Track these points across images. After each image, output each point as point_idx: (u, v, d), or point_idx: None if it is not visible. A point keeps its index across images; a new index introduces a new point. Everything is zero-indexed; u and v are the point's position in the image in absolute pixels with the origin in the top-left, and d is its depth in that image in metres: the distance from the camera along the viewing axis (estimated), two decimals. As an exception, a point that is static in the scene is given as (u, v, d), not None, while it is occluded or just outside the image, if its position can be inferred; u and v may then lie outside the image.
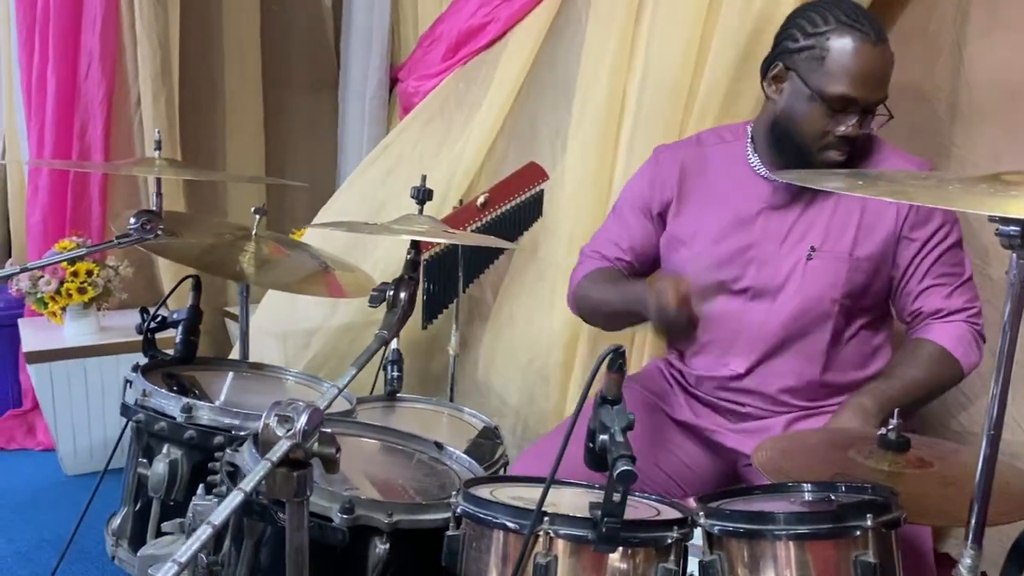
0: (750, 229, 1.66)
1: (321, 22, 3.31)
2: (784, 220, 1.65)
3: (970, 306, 1.63)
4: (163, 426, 1.52)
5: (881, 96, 1.55)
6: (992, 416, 0.98)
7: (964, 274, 1.63)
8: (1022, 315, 0.96)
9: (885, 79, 1.55)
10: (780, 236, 1.64)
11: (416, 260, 1.20)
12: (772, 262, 1.64)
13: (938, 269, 1.61)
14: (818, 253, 1.61)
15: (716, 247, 1.69)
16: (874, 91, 1.54)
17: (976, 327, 1.63)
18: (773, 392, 1.67)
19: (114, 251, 2.78)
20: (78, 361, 2.69)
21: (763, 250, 1.65)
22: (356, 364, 1.04)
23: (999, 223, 0.95)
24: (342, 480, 1.35)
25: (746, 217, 1.67)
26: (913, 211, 1.59)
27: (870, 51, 1.51)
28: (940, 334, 1.60)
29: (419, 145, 2.56)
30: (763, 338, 1.65)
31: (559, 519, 1.08)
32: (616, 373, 1.08)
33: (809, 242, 1.62)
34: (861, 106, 1.54)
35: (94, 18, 2.78)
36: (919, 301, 1.62)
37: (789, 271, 1.63)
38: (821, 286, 1.61)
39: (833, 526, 1.05)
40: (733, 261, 1.67)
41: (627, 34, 2.24)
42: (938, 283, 1.61)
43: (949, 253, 1.61)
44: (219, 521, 0.78)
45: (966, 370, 1.61)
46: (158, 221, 1.44)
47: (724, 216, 1.69)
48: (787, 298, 1.63)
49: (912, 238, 1.60)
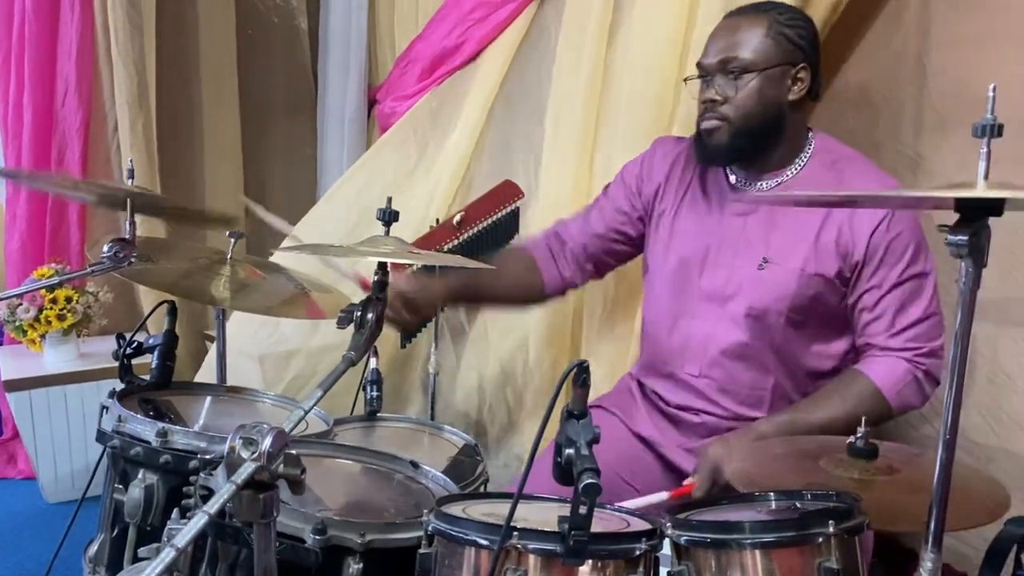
0: (712, 232, 1.69)
1: (298, 45, 3.32)
2: (743, 227, 1.67)
3: (919, 346, 1.58)
4: (139, 451, 1.52)
5: (719, 58, 1.61)
6: (947, 422, 1.00)
7: (920, 311, 1.58)
8: (972, 322, 0.98)
9: (728, 44, 1.61)
10: (736, 242, 1.67)
11: (384, 281, 1.21)
12: (726, 267, 1.67)
13: (889, 303, 1.58)
14: (769, 264, 1.62)
15: (681, 245, 1.73)
16: (710, 54, 1.63)
17: (921, 367, 1.59)
18: (724, 398, 1.69)
19: (94, 278, 2.78)
20: (58, 388, 2.69)
21: (720, 254, 1.67)
22: (323, 386, 1.05)
23: (948, 233, 0.98)
24: (316, 501, 1.36)
25: (713, 221, 1.70)
26: (871, 236, 1.56)
27: (722, 23, 1.65)
28: (878, 370, 1.58)
29: (393, 165, 2.57)
30: (714, 342, 1.67)
31: (528, 534, 1.09)
32: (581, 388, 1.10)
33: (763, 252, 1.64)
34: (704, 69, 1.63)
35: (70, 45, 2.79)
36: (867, 330, 1.61)
37: (741, 278, 1.65)
38: (770, 297, 1.62)
39: (796, 533, 1.07)
40: (693, 262, 1.70)
41: (600, 50, 2.27)
42: (885, 317, 1.58)
43: (907, 286, 1.58)
44: (182, 544, 0.78)
45: (897, 411, 1.59)
46: (131, 249, 1.45)
47: (695, 218, 1.72)
48: (736, 305, 1.65)
49: (864, 265, 1.58)
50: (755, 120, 1.61)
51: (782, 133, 1.64)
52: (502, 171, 2.47)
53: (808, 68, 1.61)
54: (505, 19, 2.48)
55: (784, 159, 1.67)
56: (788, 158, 1.67)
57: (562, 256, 1.91)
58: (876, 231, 1.57)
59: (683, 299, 1.72)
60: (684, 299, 1.72)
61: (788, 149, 1.67)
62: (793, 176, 1.67)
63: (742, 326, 1.65)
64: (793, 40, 1.60)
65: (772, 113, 1.61)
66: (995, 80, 1.00)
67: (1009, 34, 1.89)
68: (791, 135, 1.65)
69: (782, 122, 1.62)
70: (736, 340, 1.65)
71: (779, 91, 1.60)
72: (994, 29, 1.92)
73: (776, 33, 1.59)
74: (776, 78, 1.60)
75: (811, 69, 1.62)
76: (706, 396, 1.70)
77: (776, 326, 1.63)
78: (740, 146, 1.64)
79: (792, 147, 1.67)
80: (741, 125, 1.61)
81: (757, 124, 1.61)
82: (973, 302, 0.99)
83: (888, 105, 2.16)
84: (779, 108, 1.61)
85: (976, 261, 0.97)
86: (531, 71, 2.47)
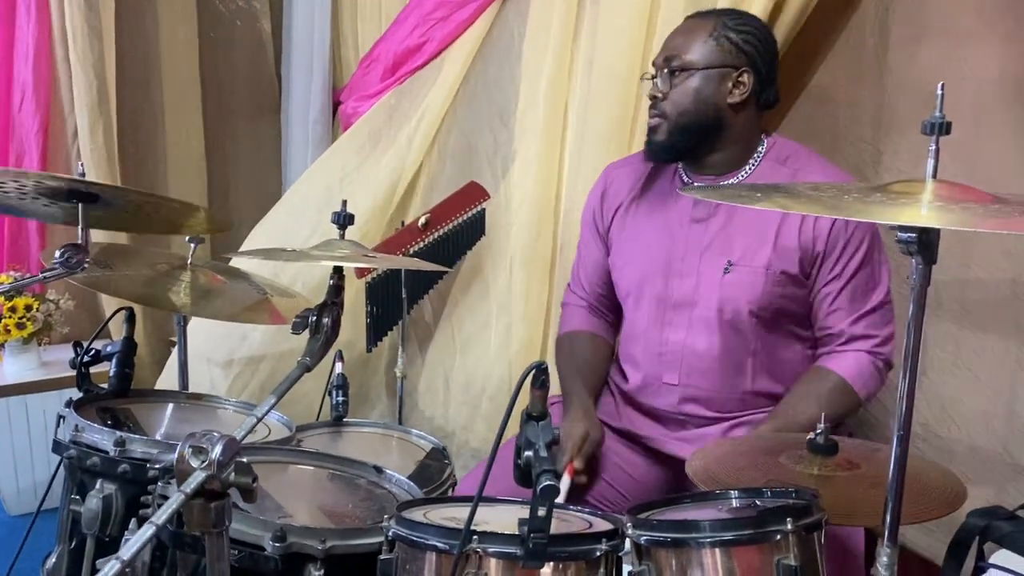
0: (676, 241, 1.70)
1: (261, 47, 3.28)
2: (705, 232, 1.68)
3: (874, 334, 1.64)
4: (96, 461, 1.50)
5: (663, 56, 1.66)
6: (900, 416, 1.01)
7: (875, 299, 1.63)
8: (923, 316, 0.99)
9: (675, 45, 1.66)
10: (700, 248, 1.68)
11: (339, 285, 1.20)
12: (692, 274, 1.68)
13: (848, 293, 1.62)
14: (735, 267, 1.64)
15: (645, 258, 1.73)
16: (659, 54, 1.68)
17: (879, 356, 1.64)
18: (708, 404, 1.70)
19: (54, 285, 2.73)
20: (18, 398, 2.63)
21: (685, 262, 1.69)
22: (276, 392, 1.04)
23: (898, 231, 0.99)
24: (276, 508, 1.34)
25: (674, 229, 1.71)
26: (830, 230, 1.60)
27: (678, 26, 1.70)
28: (842, 364, 1.63)
29: (351, 164, 2.55)
30: (689, 349, 1.68)
31: (488, 537, 1.08)
32: (539, 389, 1.10)
33: (727, 255, 1.65)
34: (653, 67, 1.68)
35: (26, 50, 2.74)
36: (827, 321, 1.65)
37: (708, 283, 1.66)
38: (738, 299, 1.63)
39: (755, 531, 1.07)
40: (658, 272, 1.71)
41: (565, 50, 2.27)
42: (844, 307, 1.62)
43: (862, 276, 1.62)
44: (128, 556, 0.77)
45: (864, 400, 1.64)
46: (84, 255, 1.42)
47: (655, 227, 1.74)
48: (705, 310, 1.66)
49: (825, 257, 1.61)
50: (690, 118, 1.64)
51: (723, 134, 1.65)
52: (467, 172, 2.46)
53: (752, 73, 1.62)
54: (467, 19, 2.47)
55: (736, 162, 1.69)
56: (740, 161, 1.69)
57: (600, 313, 1.93)
58: (835, 224, 1.59)
59: (655, 310, 1.73)
60: (656, 310, 1.72)
61: (738, 152, 1.69)
62: (747, 176, 1.68)
63: (715, 331, 1.66)
64: (737, 44, 1.62)
65: (709, 112, 1.63)
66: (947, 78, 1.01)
67: (964, 31, 1.91)
68: (738, 138, 1.67)
69: (721, 123, 1.64)
70: (711, 345, 1.67)
71: (717, 92, 1.62)
72: (949, 26, 1.94)
73: (719, 36, 1.62)
74: (714, 79, 1.62)
75: (757, 75, 1.63)
76: (690, 399, 1.71)
77: (748, 328, 1.65)
78: (679, 144, 1.66)
79: (743, 150, 1.69)
80: (677, 122, 1.64)
81: (692, 122, 1.64)
82: (923, 298, 1.00)
83: (848, 102, 2.18)
84: (716, 109, 1.63)
85: (926, 258, 0.98)
86: (493, 71, 2.46)
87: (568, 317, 1.95)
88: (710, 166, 1.70)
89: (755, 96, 1.64)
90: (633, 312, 1.79)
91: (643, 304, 1.75)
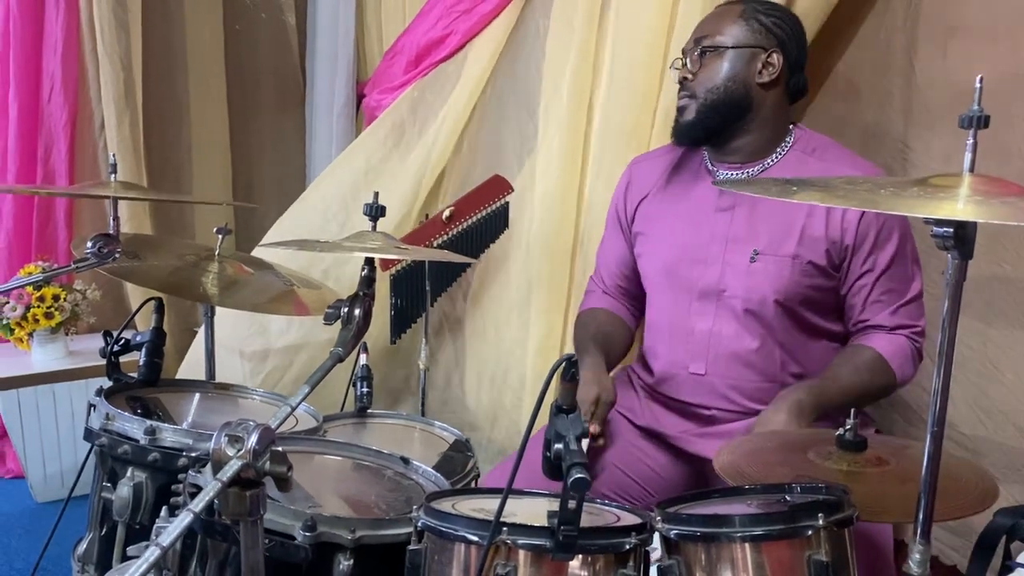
0: (701, 230, 1.70)
1: (286, 40, 3.30)
2: (731, 221, 1.68)
3: (913, 324, 1.65)
4: (127, 449, 1.51)
5: (694, 39, 1.69)
6: (935, 412, 1.00)
7: (911, 291, 1.64)
8: (959, 314, 0.98)
9: (705, 28, 1.69)
10: (726, 237, 1.67)
11: (371, 277, 1.21)
12: (718, 263, 1.67)
13: (884, 285, 1.62)
14: (761, 255, 1.64)
15: (670, 247, 1.74)
16: (689, 39, 1.70)
17: (917, 344, 1.65)
18: (735, 393, 1.69)
19: (82, 275, 2.76)
20: (47, 387, 2.66)
21: (710, 251, 1.68)
22: (310, 382, 1.05)
23: (934, 225, 0.98)
24: (306, 498, 1.35)
25: (699, 218, 1.70)
26: (859, 223, 1.59)
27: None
28: (880, 343, 1.63)
29: (375, 157, 2.56)
30: (716, 339, 1.67)
31: (517, 529, 1.08)
32: (569, 382, 1.09)
33: (753, 244, 1.64)
34: (683, 52, 1.70)
35: (55, 42, 2.77)
36: (864, 314, 1.65)
37: (733, 272, 1.66)
38: (764, 288, 1.63)
39: (785, 526, 1.07)
40: (683, 261, 1.70)
41: (589, 44, 2.27)
42: (882, 300, 1.63)
43: (896, 269, 1.62)
44: (167, 542, 0.78)
45: (899, 381, 1.64)
46: (116, 245, 1.44)
47: (680, 218, 1.73)
48: (733, 300, 1.66)
49: (855, 250, 1.61)
50: (719, 95, 1.64)
51: (751, 115, 1.65)
52: (493, 166, 2.46)
53: (781, 55, 1.64)
54: (490, 11, 2.47)
55: (763, 149, 1.69)
56: (767, 148, 1.69)
57: (621, 300, 1.93)
58: (864, 217, 1.59)
59: (680, 299, 1.72)
60: (681, 299, 1.72)
61: (765, 138, 1.68)
62: (772, 164, 1.68)
63: (742, 320, 1.65)
64: (767, 26, 1.64)
65: (738, 91, 1.64)
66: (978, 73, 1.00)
67: (996, 26, 1.89)
68: (766, 122, 1.67)
69: (750, 102, 1.65)
70: (738, 335, 1.66)
71: (746, 70, 1.64)
72: (981, 21, 1.92)
73: (749, 17, 1.65)
74: (744, 57, 1.64)
75: (786, 57, 1.64)
76: (716, 392, 1.70)
77: (775, 317, 1.64)
78: (707, 122, 1.66)
79: (770, 137, 1.68)
80: (706, 99, 1.65)
81: (721, 100, 1.64)
82: (959, 294, 0.99)
83: (877, 96, 2.16)
84: (746, 87, 1.64)
85: (962, 253, 0.97)
86: (520, 65, 2.46)
87: (588, 300, 1.97)
88: (736, 151, 1.69)
89: (784, 81, 1.65)
90: (658, 301, 1.78)
91: (669, 293, 1.75)
